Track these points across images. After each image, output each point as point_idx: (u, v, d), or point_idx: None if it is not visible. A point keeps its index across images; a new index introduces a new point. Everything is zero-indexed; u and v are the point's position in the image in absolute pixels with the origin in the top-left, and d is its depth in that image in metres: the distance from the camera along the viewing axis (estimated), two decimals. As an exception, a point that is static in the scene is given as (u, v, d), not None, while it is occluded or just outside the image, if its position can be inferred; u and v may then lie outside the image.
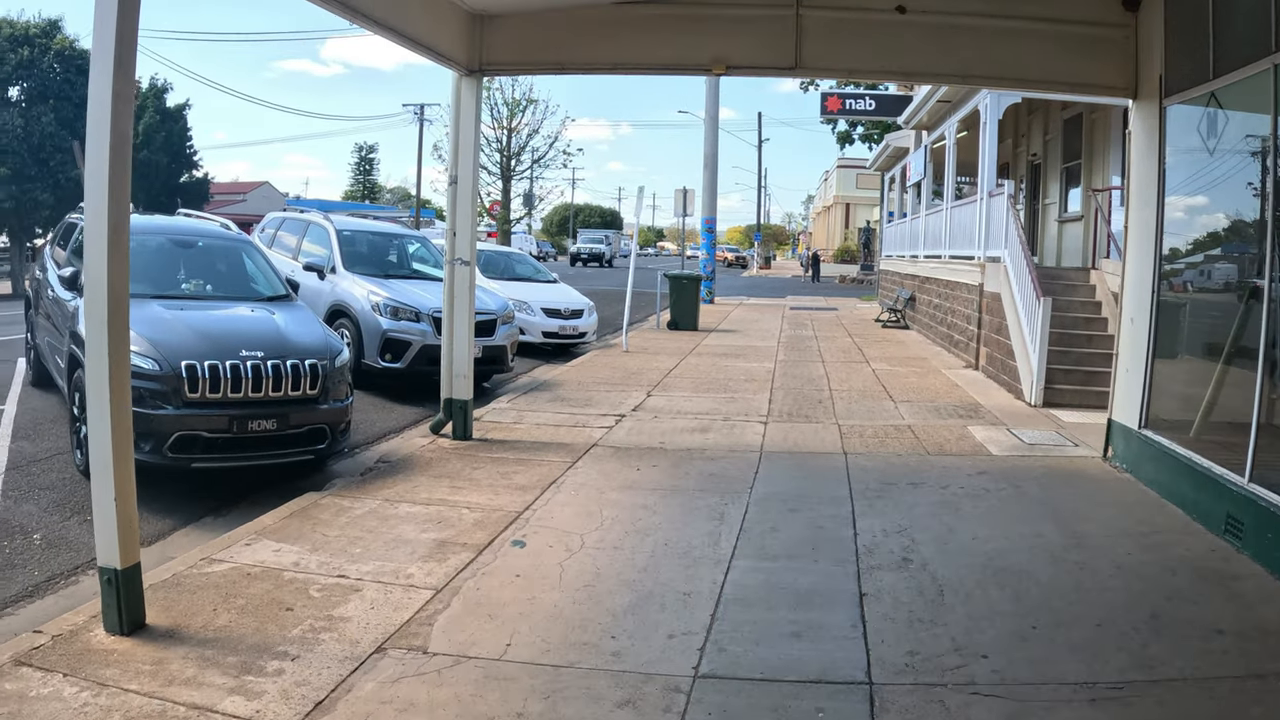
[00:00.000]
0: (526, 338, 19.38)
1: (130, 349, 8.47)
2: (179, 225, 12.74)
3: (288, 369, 9.02)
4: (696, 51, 10.65)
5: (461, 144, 11.04)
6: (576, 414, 12.67)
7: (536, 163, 54.65)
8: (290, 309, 10.71)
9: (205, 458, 8.74)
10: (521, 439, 11.14)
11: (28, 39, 38.62)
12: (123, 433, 5.50)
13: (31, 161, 37.39)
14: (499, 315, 15.26)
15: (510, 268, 22.77)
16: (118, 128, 5.28)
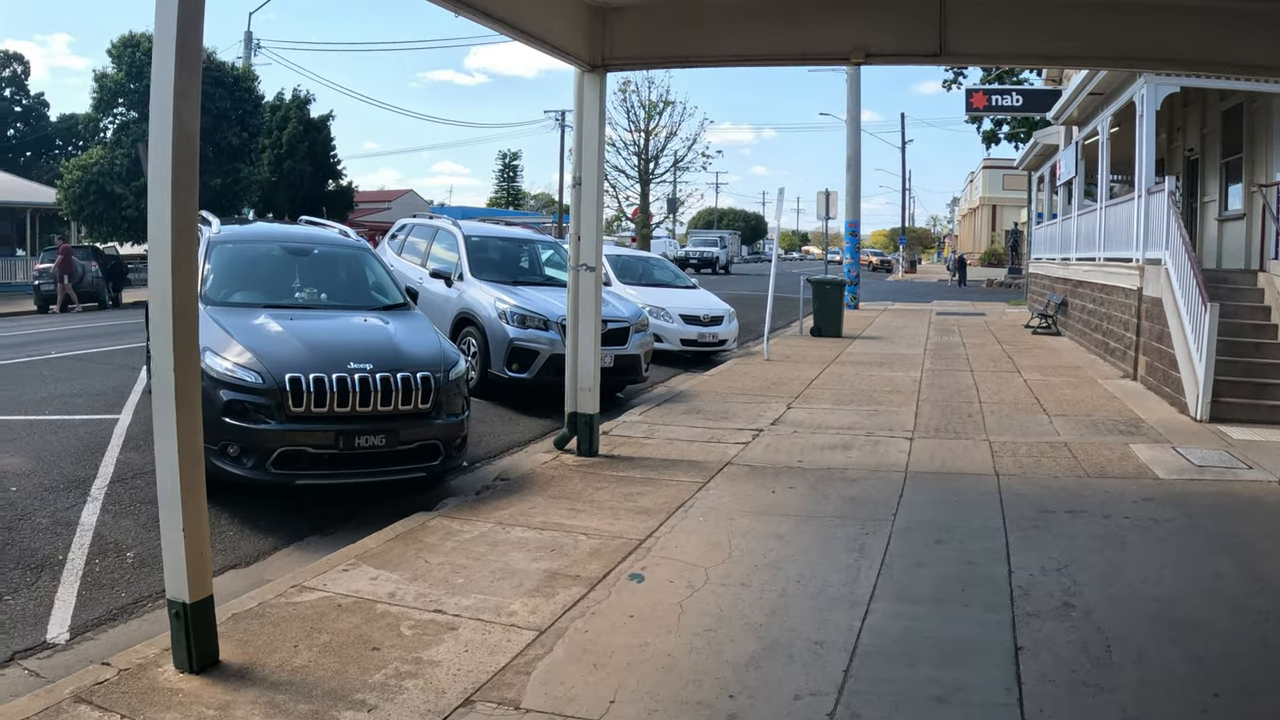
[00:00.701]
0: (664, 345, 18.81)
1: (232, 361, 8.24)
2: (294, 233, 12.46)
3: (398, 382, 8.54)
4: (833, 39, 9.88)
5: (585, 144, 10.48)
6: (711, 428, 12.00)
7: (675, 166, 53.89)
8: (406, 318, 10.28)
9: (310, 474, 8.34)
10: (651, 456, 10.51)
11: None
12: (191, 457, 5.00)
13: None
14: (632, 323, 14.68)
15: (648, 273, 22.20)
16: (181, 127, 4.78)
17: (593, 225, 10.53)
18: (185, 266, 4.97)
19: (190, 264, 5.03)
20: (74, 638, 6.03)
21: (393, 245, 18.44)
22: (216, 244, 10.77)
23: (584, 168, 10.49)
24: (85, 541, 7.59)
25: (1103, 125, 20.92)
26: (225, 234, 11.08)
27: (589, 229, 10.51)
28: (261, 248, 11.40)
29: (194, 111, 4.87)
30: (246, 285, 10.47)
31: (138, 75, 39.12)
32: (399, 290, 11.19)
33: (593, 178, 10.49)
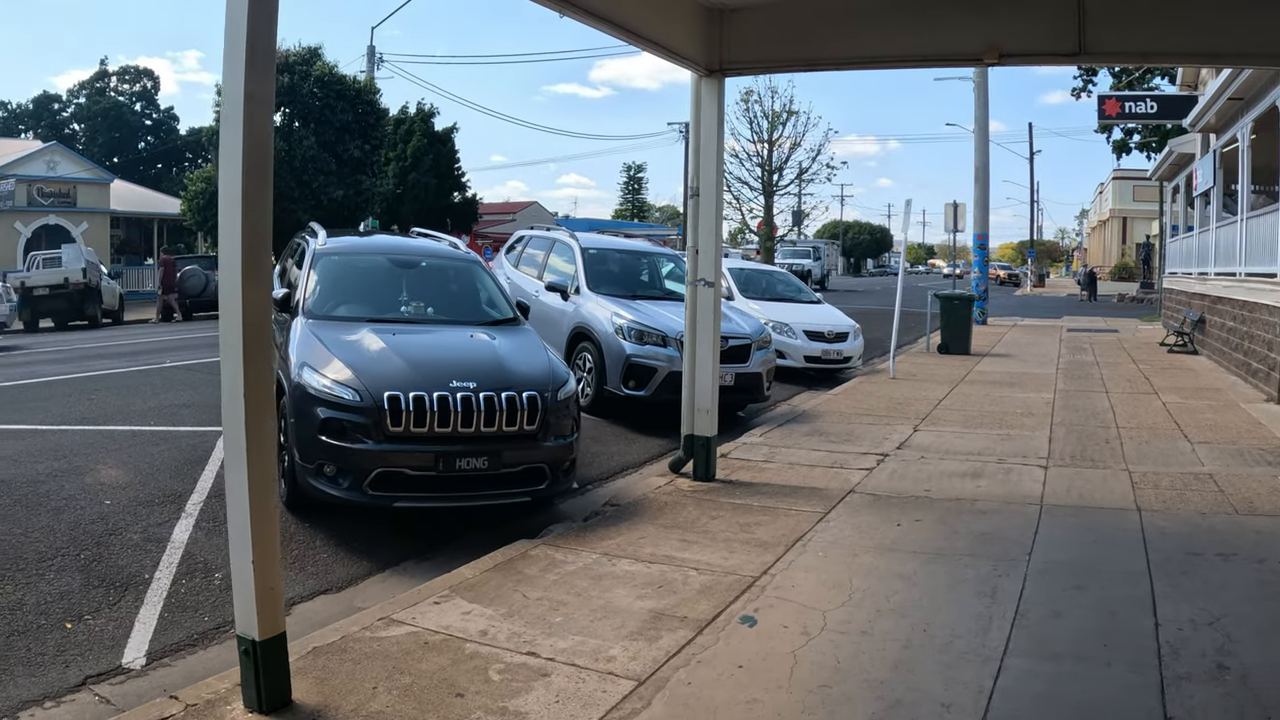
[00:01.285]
0: (787, 362, 18.30)
1: (330, 378, 7.89)
2: (401, 244, 12.26)
3: (502, 402, 8.18)
4: (966, 38, 9.21)
5: (703, 153, 10.03)
6: (835, 452, 11.47)
7: (800, 177, 52.72)
8: (514, 334, 9.94)
9: (408, 497, 8.02)
10: (770, 481, 10.02)
11: (288, 66, 39.93)
12: (261, 487, 4.65)
13: (294, 183, 38.57)
14: (754, 340, 14.18)
15: (771, 287, 21.65)
16: (252, 133, 4.46)
17: (711, 238, 10.08)
18: (257, 285, 4.66)
19: (263, 283, 4.71)
20: (150, 663, 5.82)
21: (509, 258, 18.22)
22: (321, 255, 10.56)
23: (702, 178, 10.06)
24: (174, 560, 7.42)
25: (1243, 132, 19.82)
26: (330, 245, 10.86)
27: (707, 242, 10.08)
28: (367, 260, 11.17)
29: (265, 116, 4.57)
30: (350, 298, 10.22)
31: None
32: (509, 304, 10.86)
33: (711, 188, 10.04)
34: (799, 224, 65.15)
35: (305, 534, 8.20)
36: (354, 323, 9.45)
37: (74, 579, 6.96)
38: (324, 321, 9.46)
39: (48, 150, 49.62)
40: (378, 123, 42.49)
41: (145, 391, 14.87)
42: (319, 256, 10.53)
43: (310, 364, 8.40)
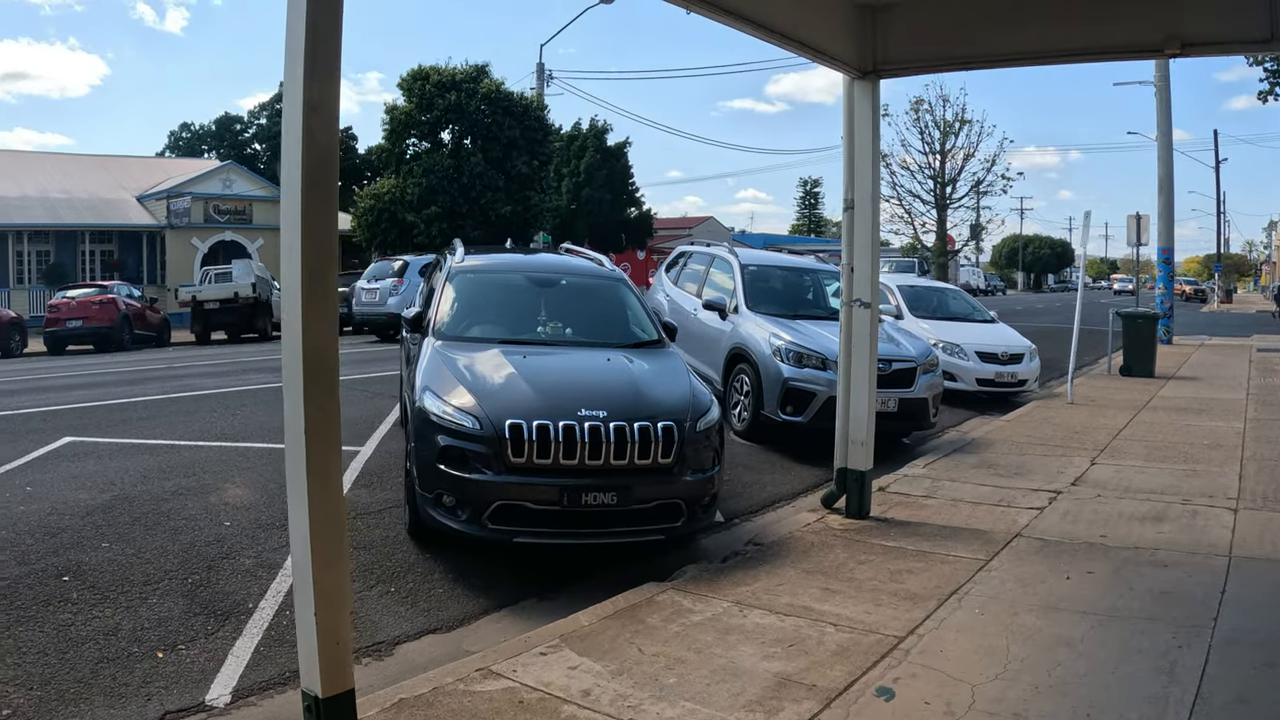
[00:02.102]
0: (957, 385, 17.46)
1: (451, 404, 7.48)
2: (541, 261, 11.88)
3: (634, 432, 7.66)
4: (1141, 28, 8.23)
5: (857, 160, 9.37)
6: (1003, 487, 10.65)
7: (975, 189, 50.27)
8: (656, 357, 9.42)
9: (530, 532, 7.56)
10: (929, 521, 9.30)
11: (454, 84, 40.17)
12: (327, 531, 4.24)
13: (462, 199, 38.86)
14: (919, 362, 13.40)
15: (943, 304, 20.70)
16: (314, 145, 4.04)
17: (868, 254, 9.40)
18: (321, 313, 4.26)
19: (326, 307, 4.31)
20: (234, 701, 5.56)
21: (669, 274, 17.76)
22: (457, 273, 10.27)
23: (857, 188, 9.39)
24: (282, 589, 7.15)
25: None
26: (467, 263, 10.56)
27: (864, 258, 9.40)
28: (504, 278, 10.80)
29: (328, 128, 4.16)
30: (484, 318, 9.89)
31: (427, 106, 40.23)
32: (654, 325, 10.33)
33: (867, 200, 9.35)
34: (976, 238, 63.09)
35: (425, 565, 7.92)
36: (485, 344, 9.08)
37: (176, 604, 6.82)
38: (454, 342, 9.14)
39: (223, 169, 51.39)
40: (545, 138, 42.61)
41: (295, 407, 14.74)
42: (454, 274, 10.25)
43: (432, 388, 8.07)
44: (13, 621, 6.38)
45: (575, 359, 9.13)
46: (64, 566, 7.41)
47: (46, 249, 47.01)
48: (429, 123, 40.63)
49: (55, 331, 31.31)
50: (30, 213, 45.81)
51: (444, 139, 41.47)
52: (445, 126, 41.32)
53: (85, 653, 5.99)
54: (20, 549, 7.78)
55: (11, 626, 6.31)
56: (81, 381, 19.64)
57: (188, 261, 45.78)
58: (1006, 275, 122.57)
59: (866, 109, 9.26)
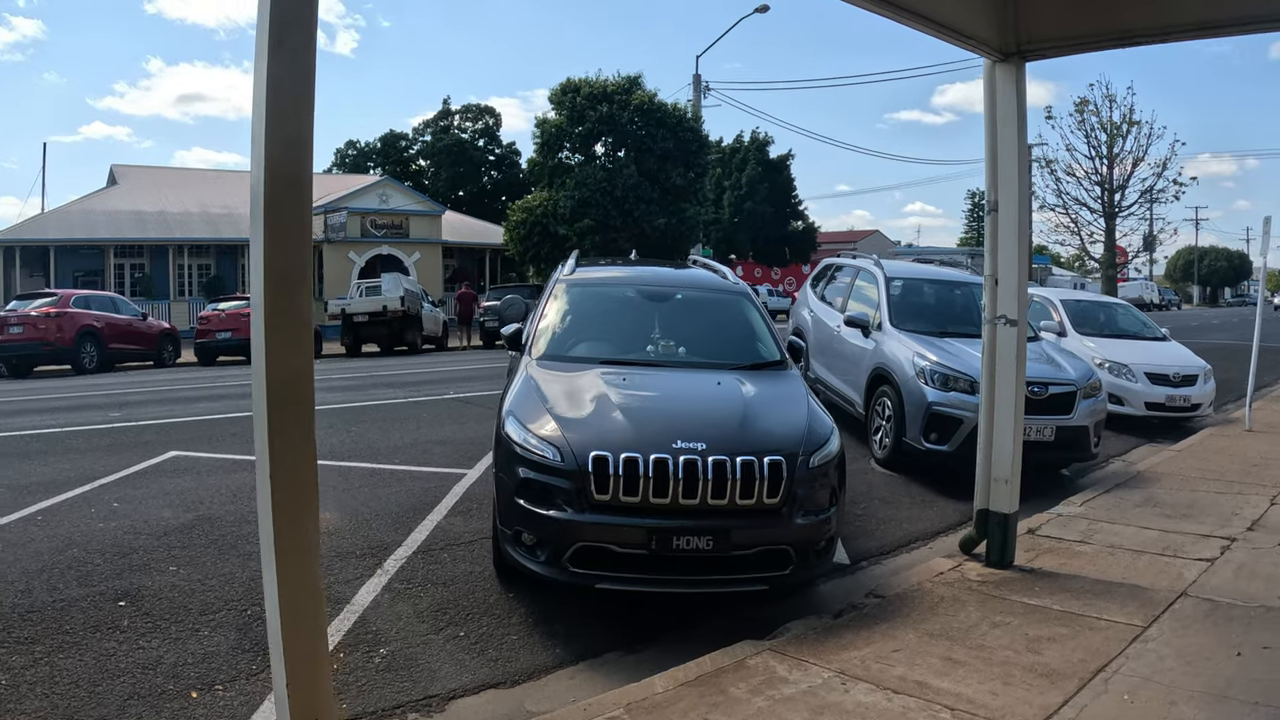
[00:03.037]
0: (1125, 409, 15.97)
1: (534, 433, 6.99)
2: (658, 275, 10.86)
3: (735, 468, 6.62)
4: None
5: (1001, 156, 8.15)
6: (1169, 531, 9.29)
7: (1146, 196, 46.26)
8: (775, 381, 8.39)
9: (615, 578, 6.61)
10: (1081, 572, 8.02)
11: (606, 96, 39.53)
12: (298, 591, 3.53)
13: (615, 212, 38.14)
14: (1080, 386, 11.98)
15: (1111, 321, 18.97)
16: (281, 127, 3.25)
17: (1014, 264, 8.15)
18: (290, 333, 3.45)
19: (298, 331, 3.48)
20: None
21: (815, 289, 16.71)
22: (564, 286, 9.53)
23: (1001, 188, 8.18)
24: (342, 627, 6.61)
25: None
26: (577, 275, 9.82)
27: (1009, 269, 8.18)
28: (614, 291, 9.90)
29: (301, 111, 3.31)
30: (589, 335, 9.07)
31: (578, 119, 39.70)
32: (776, 344, 9.27)
33: (1013, 201, 8.11)
34: (1150, 249, 59.80)
35: (504, 607, 7.16)
36: (585, 364, 8.25)
37: (226, 638, 6.37)
38: (553, 362, 8.37)
39: (379, 184, 52.17)
40: (700, 150, 41.55)
41: (409, 425, 14.40)
42: (561, 287, 9.50)
43: (517, 413, 7.29)
44: (55, 648, 6.10)
45: (682, 382, 8.17)
46: (124, 590, 7.13)
47: (207, 262, 48.28)
48: (580, 135, 40.05)
49: (205, 343, 32.12)
50: (191, 227, 47.28)
51: (597, 151, 40.84)
52: (598, 139, 40.64)
53: (118, 687, 5.61)
54: (85, 569, 7.55)
55: (52, 653, 6.02)
56: (210, 394, 19.77)
57: (344, 275, 46.24)
58: (1181, 289, 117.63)
59: (1010, 96, 8.02)
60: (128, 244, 46.14)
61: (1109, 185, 44.28)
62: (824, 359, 15.35)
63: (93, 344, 29.07)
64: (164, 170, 57.57)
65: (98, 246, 45.69)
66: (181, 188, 52.29)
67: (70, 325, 28.33)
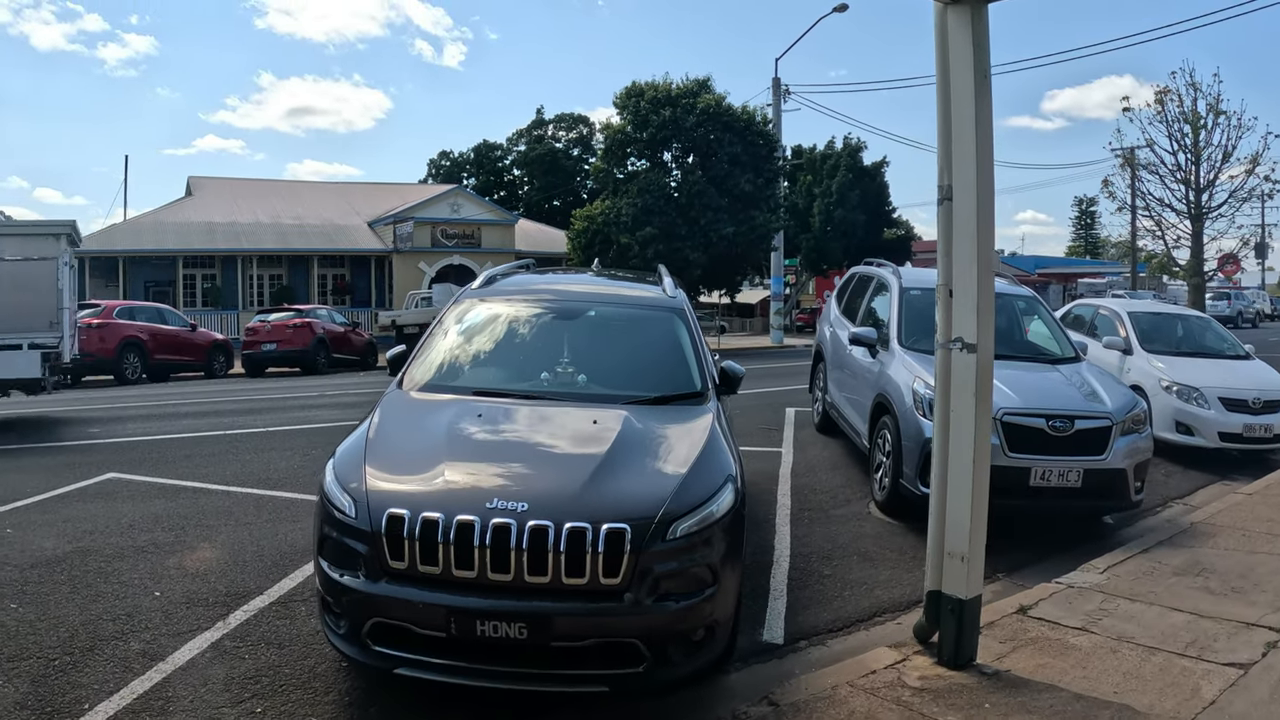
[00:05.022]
0: (1195, 440, 13.84)
1: (335, 480, 5.78)
2: (578, 289, 9.11)
3: (560, 539, 5.12)
4: None
5: (956, 126, 6.19)
6: (1203, 615, 7.21)
7: (1233, 195, 40.27)
8: (678, 418, 6.70)
9: (417, 661, 5.21)
10: (1061, 680, 6.03)
11: (670, 99, 37.72)
12: None
13: (680, 220, 36.29)
14: (1115, 419, 9.77)
15: (1188, 336, 16.42)
16: None
17: (972, 269, 6.15)
18: None
19: None
20: None
21: (839, 302, 14.74)
22: (468, 303, 8.23)
23: (956, 168, 6.21)
24: (137, 691, 5.77)
25: None
26: (486, 290, 8.45)
27: (968, 277, 6.17)
28: (521, 308, 8.15)
29: None
30: (480, 361, 7.62)
31: (642, 124, 37.88)
32: (699, 371, 7.46)
33: (970, 186, 6.11)
34: (1263, 257, 55.28)
35: (326, 680, 6.00)
36: (456, 396, 6.92)
37: (16, 692, 5.69)
38: (423, 393, 7.10)
39: (451, 193, 51.65)
40: (771, 155, 39.37)
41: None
42: (461, 305, 8.19)
43: (339, 456, 6.05)
44: None
45: (552, 421, 6.55)
46: (-54, 627, 6.54)
47: (279, 272, 47.77)
48: (645, 140, 38.19)
49: (251, 354, 31.53)
50: (260, 238, 46.92)
51: (665, 158, 38.96)
52: (662, 144, 38.67)
53: None
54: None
55: None
56: (208, 409, 19.14)
57: (415, 285, 45.46)
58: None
59: (966, 46, 6.00)
60: (196, 254, 45.78)
61: (1195, 183, 39.18)
62: (837, 382, 13.44)
63: (136, 355, 28.87)
64: (239, 181, 57.34)
65: (168, 257, 45.51)
66: (255, 199, 52.13)
67: (112, 336, 28.19)
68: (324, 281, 47.85)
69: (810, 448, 13.68)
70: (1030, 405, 9.59)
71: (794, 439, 14.35)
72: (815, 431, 14.75)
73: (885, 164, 61.25)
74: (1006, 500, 9.18)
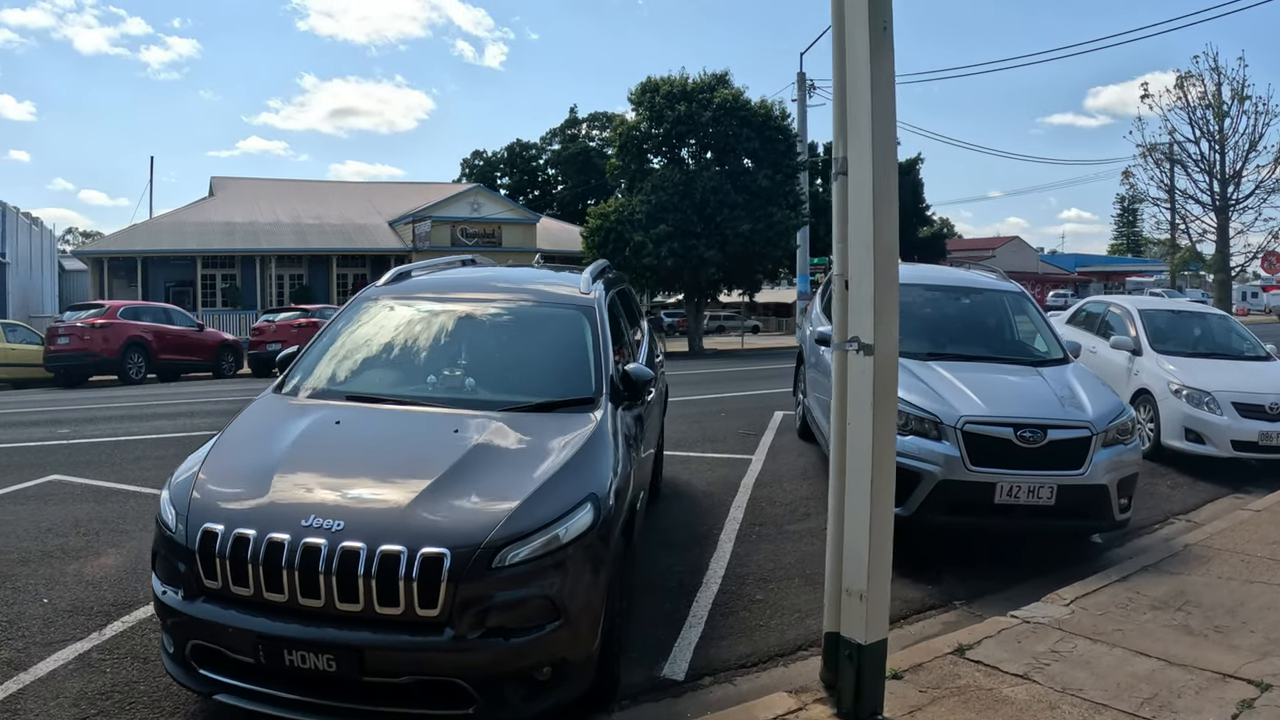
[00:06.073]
0: (1206, 449, 12.65)
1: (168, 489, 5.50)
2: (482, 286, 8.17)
3: (372, 563, 4.68)
4: None
5: (851, 89, 5.21)
6: (1173, 661, 6.20)
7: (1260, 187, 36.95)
8: (557, 427, 6.02)
9: (238, 690, 4.87)
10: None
11: (685, 94, 36.65)
12: None
13: (695, 217, 35.23)
14: (1098, 429, 8.70)
15: (1205, 335, 15.06)
16: None
17: (868, 255, 5.19)
18: None
19: None
20: None
21: (821, 301, 13.65)
22: (363, 302, 7.65)
23: (851, 137, 5.24)
24: None
25: None
26: (387, 288, 7.83)
27: (864, 265, 5.23)
28: (417, 307, 7.51)
29: None
30: (365, 364, 7.03)
31: (657, 119, 36.86)
32: (595, 375, 6.67)
33: (865, 156, 5.13)
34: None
35: (177, 700, 5.54)
36: (329, 401, 6.45)
37: None
38: (301, 398, 6.61)
39: (471, 192, 51.29)
40: (789, 150, 38.15)
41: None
42: (356, 305, 7.68)
43: (183, 464, 5.73)
44: None
45: (410, 430, 6.05)
46: None
47: (299, 272, 47.37)
48: (659, 136, 37.12)
49: (258, 354, 31.26)
50: (279, 238, 46.62)
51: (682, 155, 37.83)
52: (678, 140, 37.49)
53: None
54: None
55: None
56: (186, 410, 18.70)
57: (432, 286, 44.64)
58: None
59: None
60: (215, 255, 45.48)
61: (1220, 174, 36.62)
62: (811, 383, 12.45)
63: (141, 355, 28.90)
64: (262, 181, 57.27)
65: (188, 257, 45.22)
66: (276, 199, 51.97)
67: (116, 336, 28.29)
68: (344, 281, 47.21)
69: (784, 455, 12.68)
70: (997, 413, 8.59)
71: (770, 445, 13.37)
72: (796, 437, 13.75)
73: (920, 161, 60.24)
74: (970, 518, 8.48)
